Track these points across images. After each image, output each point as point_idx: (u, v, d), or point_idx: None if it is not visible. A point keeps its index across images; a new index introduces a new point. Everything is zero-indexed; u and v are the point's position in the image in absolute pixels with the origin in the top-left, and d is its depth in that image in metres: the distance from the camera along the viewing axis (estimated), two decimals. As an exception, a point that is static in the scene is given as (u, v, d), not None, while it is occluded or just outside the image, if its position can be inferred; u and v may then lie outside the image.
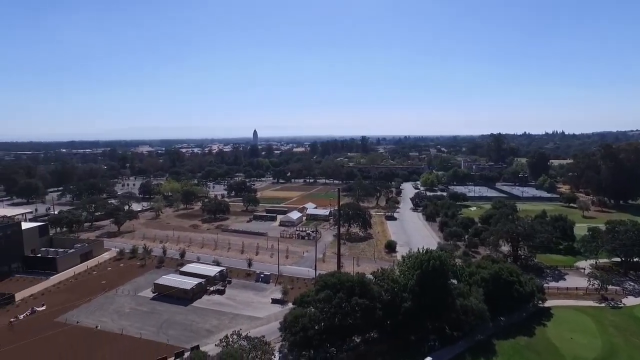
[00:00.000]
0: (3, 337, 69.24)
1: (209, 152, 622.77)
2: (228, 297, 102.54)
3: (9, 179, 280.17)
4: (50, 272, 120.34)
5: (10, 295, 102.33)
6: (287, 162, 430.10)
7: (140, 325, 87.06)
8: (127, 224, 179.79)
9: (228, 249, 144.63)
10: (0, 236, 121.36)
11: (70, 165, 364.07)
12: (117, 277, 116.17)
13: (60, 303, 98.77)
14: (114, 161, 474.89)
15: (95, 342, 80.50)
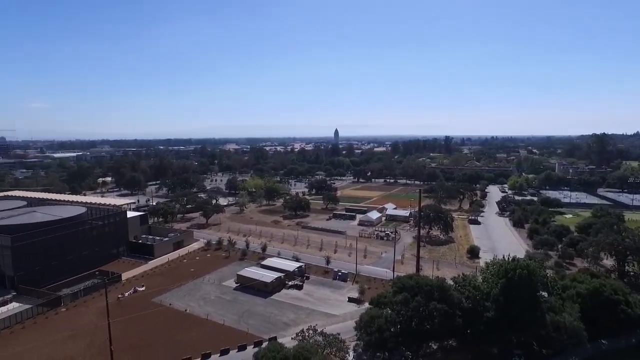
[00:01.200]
0: (113, 310, 78.49)
1: (291, 150, 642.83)
2: (305, 292, 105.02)
3: (118, 172, 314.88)
4: (148, 257, 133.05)
5: (118, 275, 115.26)
6: (367, 161, 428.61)
7: (223, 313, 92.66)
8: (215, 217, 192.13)
9: (307, 245, 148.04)
10: (111, 223, 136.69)
11: (167, 161, 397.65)
12: (204, 266, 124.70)
13: (156, 285, 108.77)
14: (204, 158, 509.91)
15: (184, 324, 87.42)
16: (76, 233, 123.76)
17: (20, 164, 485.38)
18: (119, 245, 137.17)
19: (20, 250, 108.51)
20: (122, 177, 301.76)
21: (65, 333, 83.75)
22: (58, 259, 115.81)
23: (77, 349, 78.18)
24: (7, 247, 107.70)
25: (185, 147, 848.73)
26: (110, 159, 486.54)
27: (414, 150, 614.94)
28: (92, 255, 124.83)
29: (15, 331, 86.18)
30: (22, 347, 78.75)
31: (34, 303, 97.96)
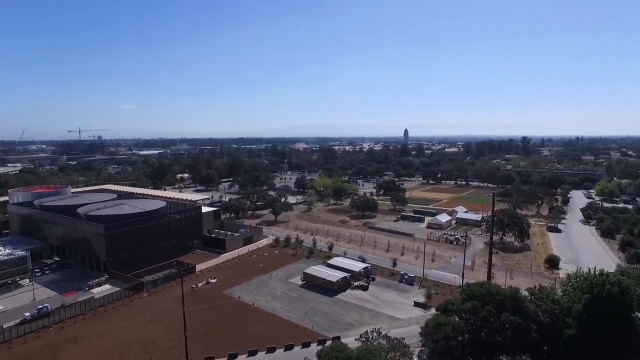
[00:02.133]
0: (187, 299, 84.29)
1: (359, 150, 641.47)
2: (371, 293, 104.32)
3: (195, 169, 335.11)
4: (220, 251, 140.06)
5: (193, 266, 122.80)
6: (437, 162, 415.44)
7: (289, 309, 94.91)
8: (283, 214, 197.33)
9: (374, 246, 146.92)
10: (188, 217, 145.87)
11: (239, 159, 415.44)
12: (272, 263, 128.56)
13: (227, 278, 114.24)
14: (274, 156, 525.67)
15: (252, 317, 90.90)
16: (157, 225, 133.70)
17: (112, 160, 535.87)
18: (194, 238, 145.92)
19: (111, 239, 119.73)
20: (198, 173, 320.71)
21: (147, 316, 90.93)
22: (142, 248, 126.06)
23: (157, 332, 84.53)
24: (101, 235, 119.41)
25: (256, 145, 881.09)
26: (188, 157, 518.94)
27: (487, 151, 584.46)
28: (170, 246, 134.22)
29: (107, 310, 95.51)
30: (112, 325, 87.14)
31: (121, 286, 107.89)
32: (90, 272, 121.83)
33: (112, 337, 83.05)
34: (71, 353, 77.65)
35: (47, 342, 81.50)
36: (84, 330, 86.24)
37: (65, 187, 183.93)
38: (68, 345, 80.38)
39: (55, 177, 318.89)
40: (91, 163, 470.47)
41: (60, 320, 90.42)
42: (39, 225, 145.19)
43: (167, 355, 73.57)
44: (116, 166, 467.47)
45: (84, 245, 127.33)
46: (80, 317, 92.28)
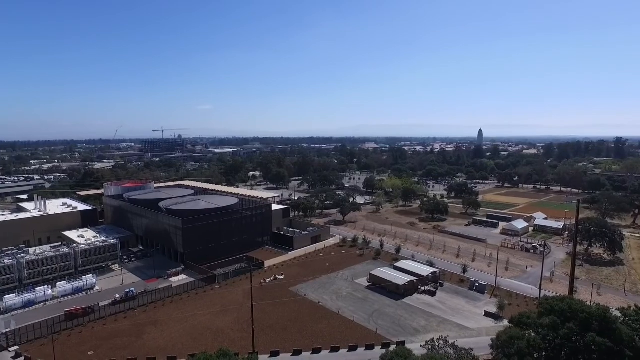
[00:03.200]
0: (256, 293, 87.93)
1: (430, 150, 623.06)
2: (438, 299, 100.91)
3: (266, 167, 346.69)
4: (288, 248, 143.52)
5: (262, 262, 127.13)
6: (514, 164, 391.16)
7: (354, 309, 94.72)
8: (351, 214, 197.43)
9: (443, 251, 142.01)
10: (259, 214, 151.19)
11: (309, 158, 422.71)
12: (339, 262, 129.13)
13: (294, 275, 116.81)
14: (343, 156, 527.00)
15: (316, 315, 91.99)
16: (230, 221, 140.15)
17: (190, 158, 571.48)
18: (264, 235, 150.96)
19: (188, 232, 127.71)
20: (269, 172, 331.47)
21: (218, 307, 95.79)
22: (215, 242, 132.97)
23: (226, 322, 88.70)
24: (179, 228, 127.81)
25: (326, 145, 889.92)
26: (260, 155, 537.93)
27: (572, 154, 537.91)
28: (241, 241, 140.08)
29: (183, 298, 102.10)
30: (187, 312, 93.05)
31: (196, 277, 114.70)
32: (169, 262, 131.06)
33: (186, 323, 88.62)
34: (152, 334, 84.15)
35: (132, 323, 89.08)
36: (163, 315, 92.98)
37: (149, 182, 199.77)
38: (150, 326, 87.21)
39: (142, 172, 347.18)
40: (172, 160, 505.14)
41: (143, 304, 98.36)
42: (127, 216, 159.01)
43: (235, 346, 76.84)
44: (194, 163, 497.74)
45: (164, 236, 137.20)
46: (160, 303, 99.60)
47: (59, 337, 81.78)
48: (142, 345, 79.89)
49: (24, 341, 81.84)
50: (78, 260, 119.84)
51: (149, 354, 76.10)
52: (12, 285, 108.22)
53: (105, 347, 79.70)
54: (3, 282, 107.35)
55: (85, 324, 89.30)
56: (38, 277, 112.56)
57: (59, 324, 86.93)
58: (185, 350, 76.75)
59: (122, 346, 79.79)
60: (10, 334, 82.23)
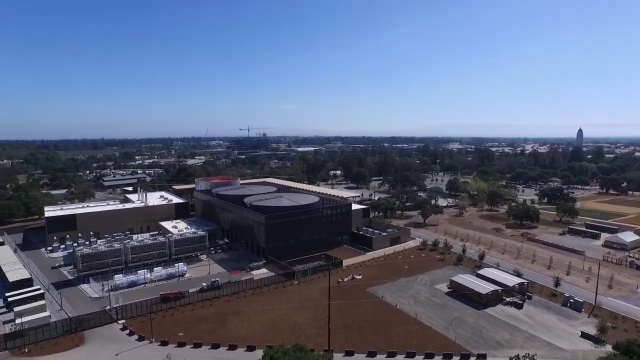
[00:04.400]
0: (333, 291, 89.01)
1: (521, 152, 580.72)
2: (525, 313, 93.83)
3: (347, 167, 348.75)
4: (367, 249, 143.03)
5: (340, 261, 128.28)
6: (622, 168, 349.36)
7: (432, 315, 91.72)
8: (432, 217, 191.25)
9: (532, 260, 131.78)
10: (338, 213, 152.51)
11: (390, 158, 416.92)
12: (418, 266, 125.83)
13: (371, 276, 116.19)
14: (425, 156, 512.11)
15: (393, 318, 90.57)
16: (310, 219, 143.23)
17: (274, 156, 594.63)
18: (343, 234, 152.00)
19: (270, 228, 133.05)
20: (349, 171, 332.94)
21: (296, 303, 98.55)
22: (295, 239, 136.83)
23: (303, 318, 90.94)
24: (262, 223, 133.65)
25: (408, 145, 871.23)
26: (341, 154, 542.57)
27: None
28: (320, 239, 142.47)
29: (263, 291, 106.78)
30: (267, 305, 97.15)
31: (276, 272, 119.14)
32: (252, 255, 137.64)
33: (266, 315, 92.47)
34: (234, 323, 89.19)
35: (217, 310, 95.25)
36: (244, 305, 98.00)
37: (236, 179, 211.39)
38: (232, 315, 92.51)
39: (229, 169, 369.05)
40: (256, 158, 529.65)
41: (227, 293, 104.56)
42: (215, 210, 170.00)
43: (311, 342, 78.45)
44: (277, 161, 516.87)
45: (248, 231, 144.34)
46: (242, 294, 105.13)
47: (155, 317, 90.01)
48: (225, 333, 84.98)
49: (128, 316, 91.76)
50: (172, 249, 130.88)
51: (231, 341, 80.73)
52: (119, 266, 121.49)
53: (193, 330, 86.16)
54: (113, 264, 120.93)
55: (177, 307, 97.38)
56: (139, 261, 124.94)
57: (155, 305, 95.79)
58: (264, 341, 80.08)
59: (207, 331, 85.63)
60: (119, 309, 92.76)
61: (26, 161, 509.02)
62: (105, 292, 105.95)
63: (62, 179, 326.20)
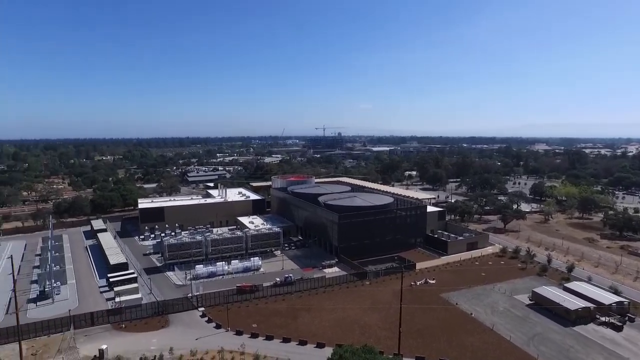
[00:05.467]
0: (405, 294, 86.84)
1: (622, 154, 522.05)
2: (626, 337, 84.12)
3: (423, 167, 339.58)
4: (441, 252, 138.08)
5: (413, 263, 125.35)
6: None
7: (510, 328, 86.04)
8: (514, 223, 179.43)
9: (635, 278, 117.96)
10: (413, 215, 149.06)
11: (469, 159, 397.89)
12: (496, 274, 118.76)
13: (445, 282, 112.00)
14: (508, 158, 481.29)
15: (467, 326, 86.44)
16: (384, 220, 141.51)
17: (348, 155, 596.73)
18: (417, 236, 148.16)
19: (344, 227, 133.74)
20: (425, 172, 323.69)
21: (367, 304, 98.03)
22: (368, 239, 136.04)
23: (374, 319, 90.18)
24: (335, 222, 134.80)
25: (488, 145, 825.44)
26: (417, 155, 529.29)
27: None
28: (393, 241, 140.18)
29: (335, 290, 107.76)
30: (338, 304, 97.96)
31: (348, 271, 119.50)
32: (324, 253, 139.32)
33: (336, 314, 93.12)
34: (306, 318, 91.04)
35: (289, 305, 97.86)
36: (316, 302, 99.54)
37: (311, 177, 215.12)
38: (304, 311, 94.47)
39: (304, 167, 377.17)
40: (331, 157, 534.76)
41: (299, 290, 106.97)
42: (290, 208, 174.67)
43: (381, 344, 77.51)
44: (351, 160, 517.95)
45: (322, 229, 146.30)
46: (313, 291, 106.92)
47: (232, 307, 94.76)
48: (296, 328, 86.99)
49: (207, 305, 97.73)
50: (248, 244, 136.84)
51: (301, 336, 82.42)
52: (200, 257, 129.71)
53: (266, 323, 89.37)
54: (195, 254, 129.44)
55: (251, 299, 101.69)
56: (218, 254, 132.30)
57: (231, 296, 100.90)
58: (334, 339, 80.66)
59: (279, 325, 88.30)
60: (200, 297, 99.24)
61: (124, 157, 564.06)
62: (187, 280, 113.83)
63: (153, 173, 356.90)
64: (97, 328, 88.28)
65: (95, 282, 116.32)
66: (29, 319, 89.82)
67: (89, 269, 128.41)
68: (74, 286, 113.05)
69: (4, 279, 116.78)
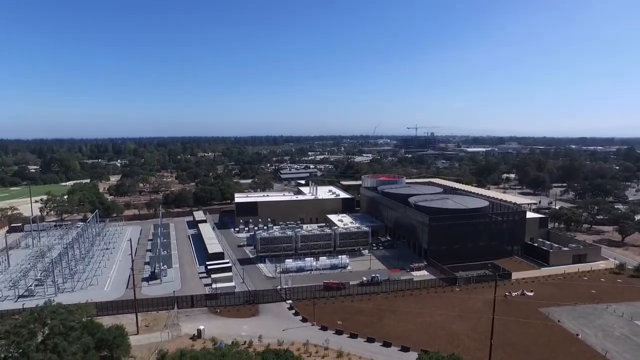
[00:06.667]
0: (498, 305, 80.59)
1: None
2: None
3: (522, 170, 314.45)
4: (542, 263, 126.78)
5: (508, 272, 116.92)
6: None
7: (630, 358, 75.61)
8: (635, 236, 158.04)
9: None
10: (510, 220, 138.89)
11: (578, 162, 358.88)
12: (610, 292, 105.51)
13: (546, 295, 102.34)
14: (629, 161, 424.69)
15: (571, 349, 78.03)
16: (477, 224, 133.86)
17: (441, 156, 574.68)
18: (514, 244, 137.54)
19: (434, 229, 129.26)
20: (525, 175, 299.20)
21: (456, 311, 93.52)
22: (459, 244, 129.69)
23: (462, 328, 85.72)
24: (425, 224, 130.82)
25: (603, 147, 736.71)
26: (516, 156, 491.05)
27: None
28: (487, 247, 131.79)
29: (422, 294, 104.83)
30: (424, 308, 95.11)
31: (437, 276, 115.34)
32: (413, 255, 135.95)
33: (423, 318, 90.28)
34: (391, 320, 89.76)
35: (374, 305, 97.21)
36: (402, 305, 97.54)
37: (401, 178, 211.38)
38: (389, 313, 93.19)
39: (394, 167, 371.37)
40: (423, 157, 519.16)
41: (385, 290, 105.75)
42: (379, 207, 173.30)
43: (470, 355, 73.46)
44: (444, 161, 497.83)
45: (411, 231, 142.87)
46: (400, 293, 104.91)
47: (318, 302, 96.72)
48: (381, 329, 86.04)
49: (295, 298, 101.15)
50: (336, 241, 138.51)
51: (386, 337, 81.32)
52: (290, 252, 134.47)
53: (351, 320, 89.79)
54: (285, 249, 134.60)
55: (337, 296, 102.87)
56: (307, 249, 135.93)
57: (318, 292, 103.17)
58: (419, 344, 78.26)
59: (364, 324, 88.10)
60: (288, 290, 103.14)
61: (223, 154, 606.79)
62: (277, 273, 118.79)
63: (249, 170, 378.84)
64: (196, 310, 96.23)
65: (195, 268, 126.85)
66: (144, 295, 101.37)
67: (191, 255, 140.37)
68: (178, 270, 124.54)
69: (124, 259, 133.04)
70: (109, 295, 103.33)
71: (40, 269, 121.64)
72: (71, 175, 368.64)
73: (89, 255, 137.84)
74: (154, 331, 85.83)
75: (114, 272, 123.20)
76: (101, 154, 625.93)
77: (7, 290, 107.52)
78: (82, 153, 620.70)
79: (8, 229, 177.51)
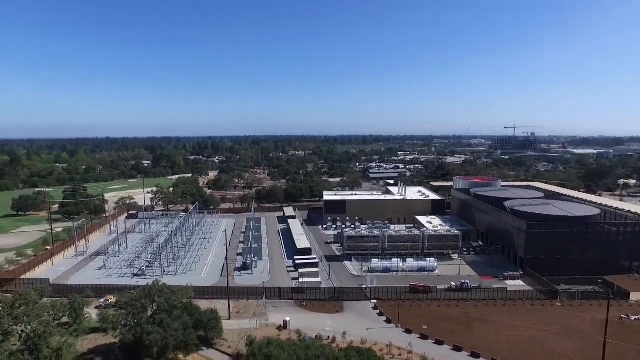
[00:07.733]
0: (612, 328, 71.08)
1: None
2: None
3: None
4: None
5: (625, 291, 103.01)
6: None
7: None
8: None
9: None
10: (628, 232, 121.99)
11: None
12: None
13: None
14: None
15: None
16: (585, 234, 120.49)
17: (543, 158, 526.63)
18: (632, 259, 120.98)
19: (533, 237, 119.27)
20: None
21: (556, 327, 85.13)
22: (562, 255, 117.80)
23: (564, 348, 77.70)
24: (522, 231, 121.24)
25: None
26: (638, 159, 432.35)
27: None
28: (597, 261, 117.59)
29: (516, 305, 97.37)
30: (519, 321, 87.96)
31: (534, 287, 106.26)
32: (507, 263, 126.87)
33: (517, 332, 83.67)
34: (481, 330, 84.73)
35: (463, 313, 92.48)
36: (493, 315, 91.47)
37: (496, 180, 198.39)
38: (478, 322, 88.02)
39: (489, 169, 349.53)
40: (522, 159, 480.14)
41: (475, 298, 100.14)
42: (471, 210, 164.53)
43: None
44: (546, 164, 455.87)
45: (505, 237, 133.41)
46: (491, 302, 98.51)
47: (403, 304, 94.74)
48: (469, 337, 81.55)
49: (379, 298, 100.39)
50: (425, 244, 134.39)
51: (474, 348, 76.81)
52: (376, 251, 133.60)
53: (436, 325, 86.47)
54: (372, 248, 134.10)
55: (424, 300, 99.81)
56: (394, 250, 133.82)
57: (404, 293, 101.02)
58: (512, 359, 72.73)
59: (450, 331, 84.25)
60: (374, 289, 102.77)
61: (313, 153, 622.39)
62: (363, 271, 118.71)
63: (338, 168, 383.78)
64: (283, 302, 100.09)
65: (284, 262, 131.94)
66: (235, 284, 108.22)
67: (280, 249, 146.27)
68: (267, 263, 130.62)
69: (219, 248, 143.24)
70: (206, 281, 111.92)
71: (150, 253, 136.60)
72: (176, 170, 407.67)
73: (189, 244, 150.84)
74: (243, 318, 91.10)
75: (210, 260, 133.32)
76: (202, 151, 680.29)
77: (126, 268, 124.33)
78: (186, 150, 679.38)
79: (127, 216, 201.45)
